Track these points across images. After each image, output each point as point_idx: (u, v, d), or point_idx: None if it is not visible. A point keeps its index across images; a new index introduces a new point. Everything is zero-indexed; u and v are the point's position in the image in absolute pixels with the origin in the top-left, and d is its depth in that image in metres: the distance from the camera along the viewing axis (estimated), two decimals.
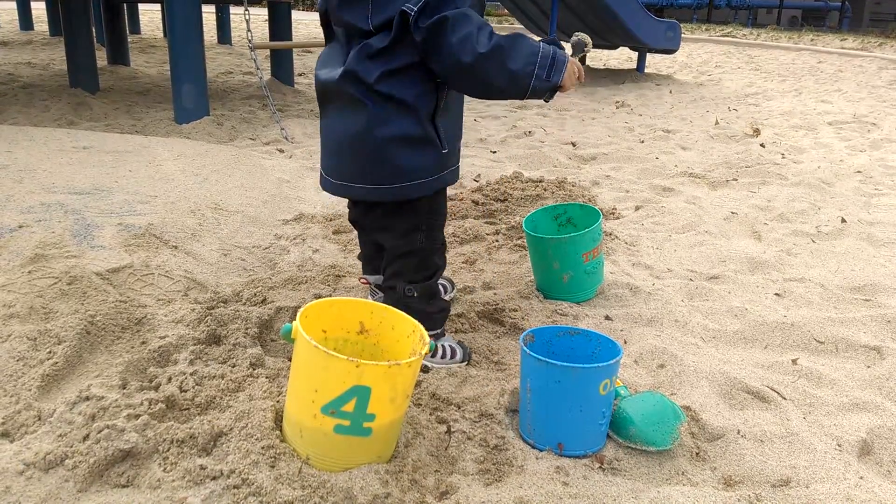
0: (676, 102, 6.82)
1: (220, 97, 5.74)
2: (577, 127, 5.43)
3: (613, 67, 9.53)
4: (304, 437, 1.34)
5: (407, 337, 1.49)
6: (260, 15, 11.87)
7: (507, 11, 9.10)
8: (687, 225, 3.13)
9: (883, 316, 2.24)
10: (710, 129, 5.40)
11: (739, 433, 1.63)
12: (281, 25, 6.64)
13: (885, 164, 4.39)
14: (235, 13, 13.01)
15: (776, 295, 2.45)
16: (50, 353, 1.69)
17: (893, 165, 4.35)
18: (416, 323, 1.48)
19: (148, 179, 2.96)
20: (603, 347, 1.62)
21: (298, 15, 15.40)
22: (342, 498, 1.28)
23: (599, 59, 10.74)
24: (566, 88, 1.70)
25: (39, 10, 12.19)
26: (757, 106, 6.75)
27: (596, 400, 1.49)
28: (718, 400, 1.77)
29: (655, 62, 10.35)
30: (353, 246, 2.68)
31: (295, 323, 1.34)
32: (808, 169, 4.21)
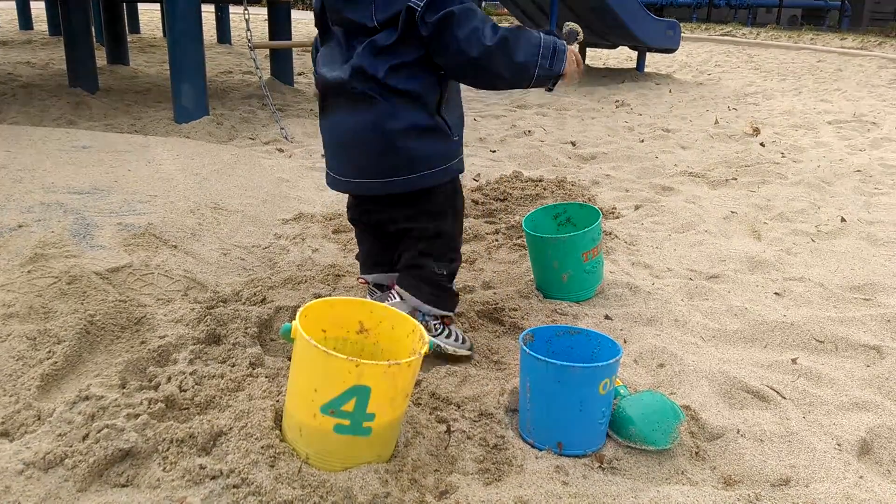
0: (676, 102, 6.82)
1: (219, 97, 5.73)
2: (576, 126, 5.43)
3: (613, 67, 9.52)
4: (303, 436, 1.34)
5: (406, 337, 1.49)
6: (259, 14, 11.86)
7: (506, 11, 9.09)
8: (686, 224, 3.13)
9: (882, 315, 2.24)
10: (709, 128, 5.40)
11: (739, 432, 1.63)
12: (280, 25, 6.64)
13: (884, 163, 4.39)
14: (235, 13, 13.02)
15: (776, 294, 2.45)
16: (49, 352, 1.69)
17: (893, 164, 4.34)
18: (415, 323, 1.48)
19: (147, 179, 2.95)
20: (602, 347, 1.62)
21: (298, 14, 15.40)
22: (342, 497, 1.28)
23: (599, 58, 10.74)
24: (567, 77, 1.76)
25: (39, 9, 12.19)
26: (756, 105, 6.74)
27: (596, 399, 1.49)
28: (718, 399, 1.77)
29: (655, 61, 10.35)
30: (352, 245, 2.67)
31: (294, 322, 1.34)
32: (807, 168, 4.21)
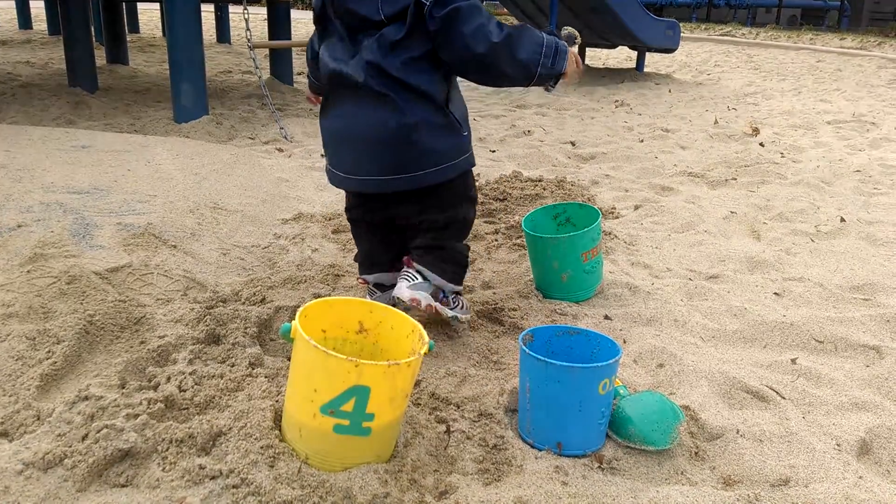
0: (675, 102, 6.82)
1: (219, 96, 5.73)
2: (576, 126, 5.43)
3: (613, 66, 9.52)
4: (303, 436, 1.34)
5: (406, 337, 1.49)
6: (259, 14, 11.87)
7: (506, 11, 9.09)
8: (686, 224, 3.13)
9: (882, 315, 2.24)
10: (709, 128, 5.40)
11: (738, 433, 1.63)
12: (280, 24, 6.65)
13: (884, 163, 4.39)
14: (234, 12, 13.02)
15: (775, 294, 2.45)
16: (49, 352, 1.69)
17: (893, 165, 4.34)
18: (415, 323, 1.48)
19: (147, 179, 2.95)
20: (602, 347, 1.62)
21: (297, 14, 15.40)
22: (341, 497, 1.28)
23: (598, 58, 10.74)
24: (568, 76, 1.81)
25: (38, 8, 12.18)
26: (756, 105, 6.74)
27: (595, 399, 1.49)
28: (717, 399, 1.77)
29: (655, 61, 10.35)
30: (352, 245, 2.67)
31: (294, 322, 1.34)
32: (807, 168, 4.22)
